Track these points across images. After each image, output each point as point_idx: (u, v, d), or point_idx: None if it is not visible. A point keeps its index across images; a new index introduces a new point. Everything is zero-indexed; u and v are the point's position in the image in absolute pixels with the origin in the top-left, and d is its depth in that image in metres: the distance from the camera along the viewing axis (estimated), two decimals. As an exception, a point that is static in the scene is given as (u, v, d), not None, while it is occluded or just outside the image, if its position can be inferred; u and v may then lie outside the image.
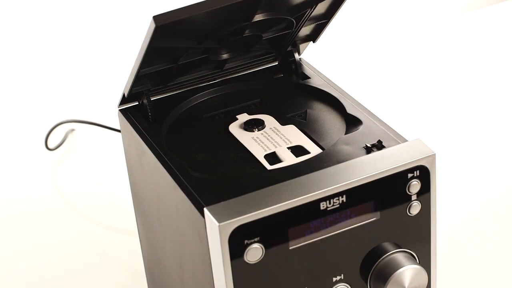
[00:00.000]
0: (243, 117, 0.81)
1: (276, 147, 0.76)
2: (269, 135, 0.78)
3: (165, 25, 0.68)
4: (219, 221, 0.66)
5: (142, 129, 0.80)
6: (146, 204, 0.84)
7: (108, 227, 1.09)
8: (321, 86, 0.84)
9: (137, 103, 0.83)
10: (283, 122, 0.80)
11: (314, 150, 0.75)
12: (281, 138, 0.77)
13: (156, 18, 0.68)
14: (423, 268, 0.71)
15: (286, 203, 0.67)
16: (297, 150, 0.76)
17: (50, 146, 1.23)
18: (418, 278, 0.71)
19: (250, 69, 0.88)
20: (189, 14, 0.69)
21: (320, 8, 0.81)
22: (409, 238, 0.73)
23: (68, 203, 1.14)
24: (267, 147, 0.76)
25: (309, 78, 0.86)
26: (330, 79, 0.85)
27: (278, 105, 0.83)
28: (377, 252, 0.72)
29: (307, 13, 0.80)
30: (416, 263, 0.72)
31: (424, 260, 0.75)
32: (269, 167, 0.73)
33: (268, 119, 0.80)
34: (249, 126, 0.79)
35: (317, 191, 0.68)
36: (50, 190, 1.17)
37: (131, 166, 0.86)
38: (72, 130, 1.28)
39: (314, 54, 1.02)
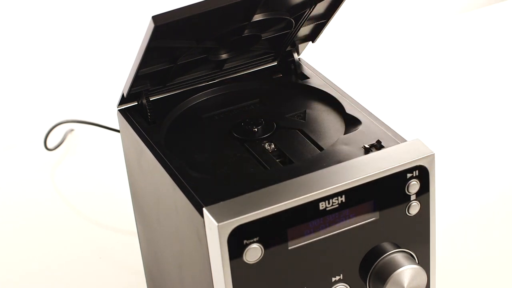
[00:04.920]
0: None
1: None
2: None
3: (164, 25, 0.68)
4: (218, 221, 0.65)
5: (141, 129, 0.80)
6: (145, 204, 0.84)
7: (107, 227, 1.09)
8: (320, 86, 0.84)
9: (136, 103, 0.83)
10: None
11: None
12: None
13: (155, 18, 0.68)
14: (422, 268, 0.71)
15: (285, 203, 0.67)
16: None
17: (49, 146, 1.22)
18: (417, 278, 0.71)
19: (249, 69, 0.88)
20: (188, 14, 0.69)
21: (319, 8, 0.81)
22: (408, 238, 0.73)
23: (67, 203, 1.14)
24: None
25: (308, 78, 0.86)
26: (329, 79, 0.85)
27: (277, 105, 0.83)
28: (376, 252, 0.72)
29: (306, 13, 0.80)
30: (415, 263, 0.72)
31: (423, 260, 0.75)
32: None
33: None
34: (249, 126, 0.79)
35: (316, 191, 0.68)
36: (49, 190, 1.17)
37: (130, 166, 0.86)
38: (71, 130, 1.28)
39: (313, 54, 1.02)
